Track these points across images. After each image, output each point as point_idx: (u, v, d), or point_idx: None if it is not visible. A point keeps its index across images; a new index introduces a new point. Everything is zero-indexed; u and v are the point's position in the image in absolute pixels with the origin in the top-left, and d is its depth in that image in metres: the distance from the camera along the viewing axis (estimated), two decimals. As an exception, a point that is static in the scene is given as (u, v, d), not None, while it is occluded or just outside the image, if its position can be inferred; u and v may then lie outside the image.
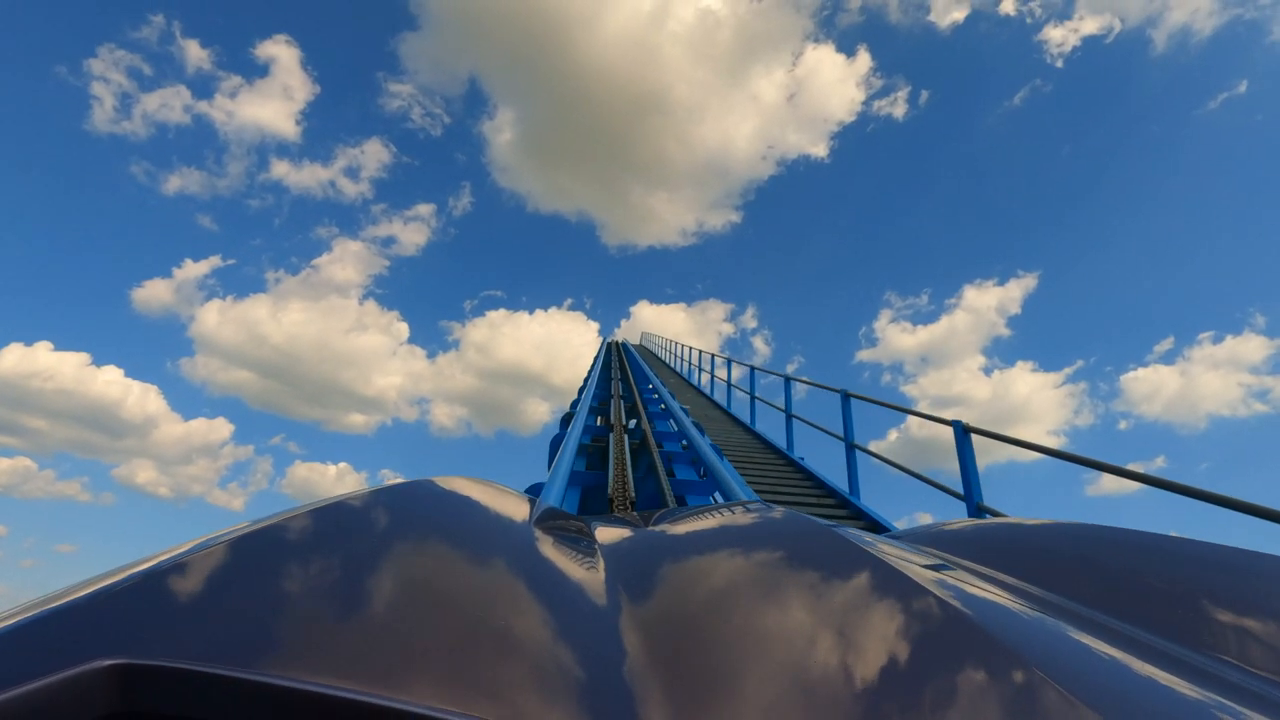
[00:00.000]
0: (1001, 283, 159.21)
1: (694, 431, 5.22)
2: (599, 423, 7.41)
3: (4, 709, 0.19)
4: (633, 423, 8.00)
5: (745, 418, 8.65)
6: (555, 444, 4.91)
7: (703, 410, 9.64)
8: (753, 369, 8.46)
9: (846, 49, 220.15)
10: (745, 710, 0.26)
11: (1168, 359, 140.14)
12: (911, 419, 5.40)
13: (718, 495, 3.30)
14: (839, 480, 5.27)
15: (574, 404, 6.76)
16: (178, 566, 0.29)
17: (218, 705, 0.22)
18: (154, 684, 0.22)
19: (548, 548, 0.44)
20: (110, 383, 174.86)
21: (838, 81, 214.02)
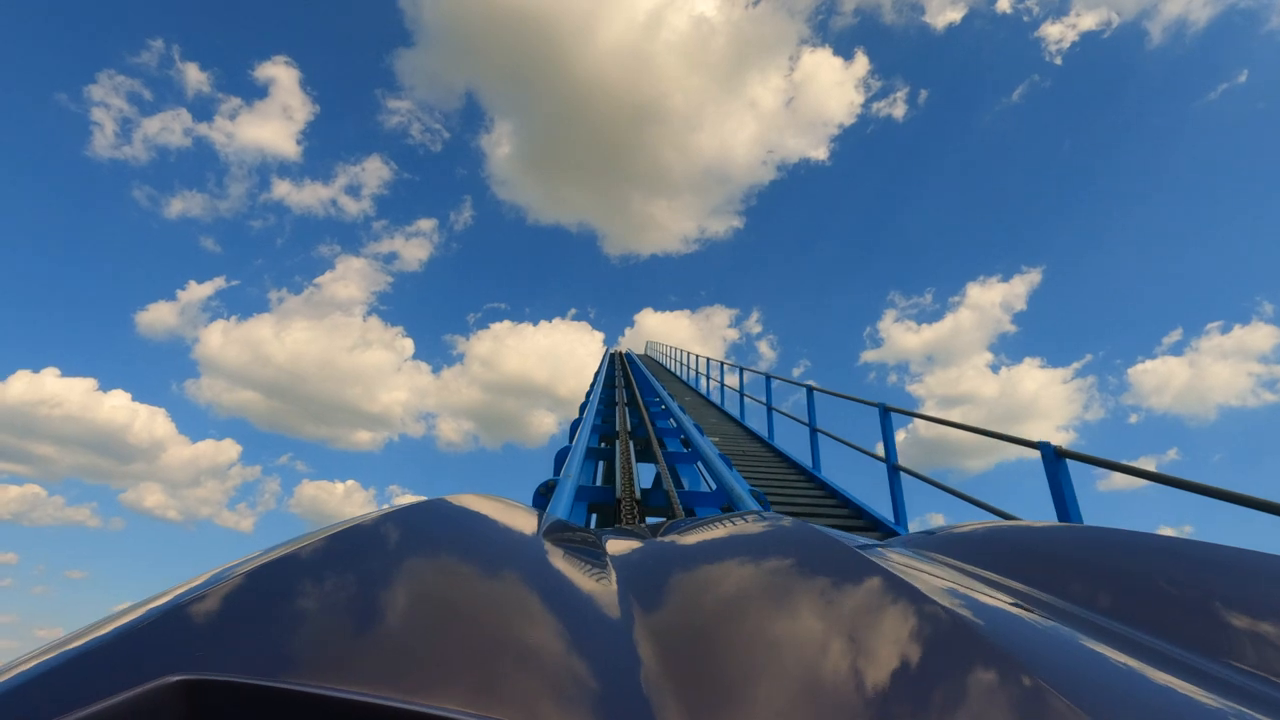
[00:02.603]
0: (1006, 279, 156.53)
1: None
2: (599, 480, 5.20)
3: None
4: (649, 469, 5.84)
5: (792, 452, 6.41)
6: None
7: (735, 441, 7.39)
8: (810, 389, 6.16)
9: (844, 52, 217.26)
10: (756, 718, 0.26)
11: (1176, 350, 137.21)
12: (916, 421, 4.62)
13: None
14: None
15: (561, 457, 4.50)
16: (225, 587, 0.31)
17: (274, 715, 0.23)
18: (217, 697, 0.23)
19: (561, 561, 0.44)
20: (117, 407, 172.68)
21: (836, 85, 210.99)
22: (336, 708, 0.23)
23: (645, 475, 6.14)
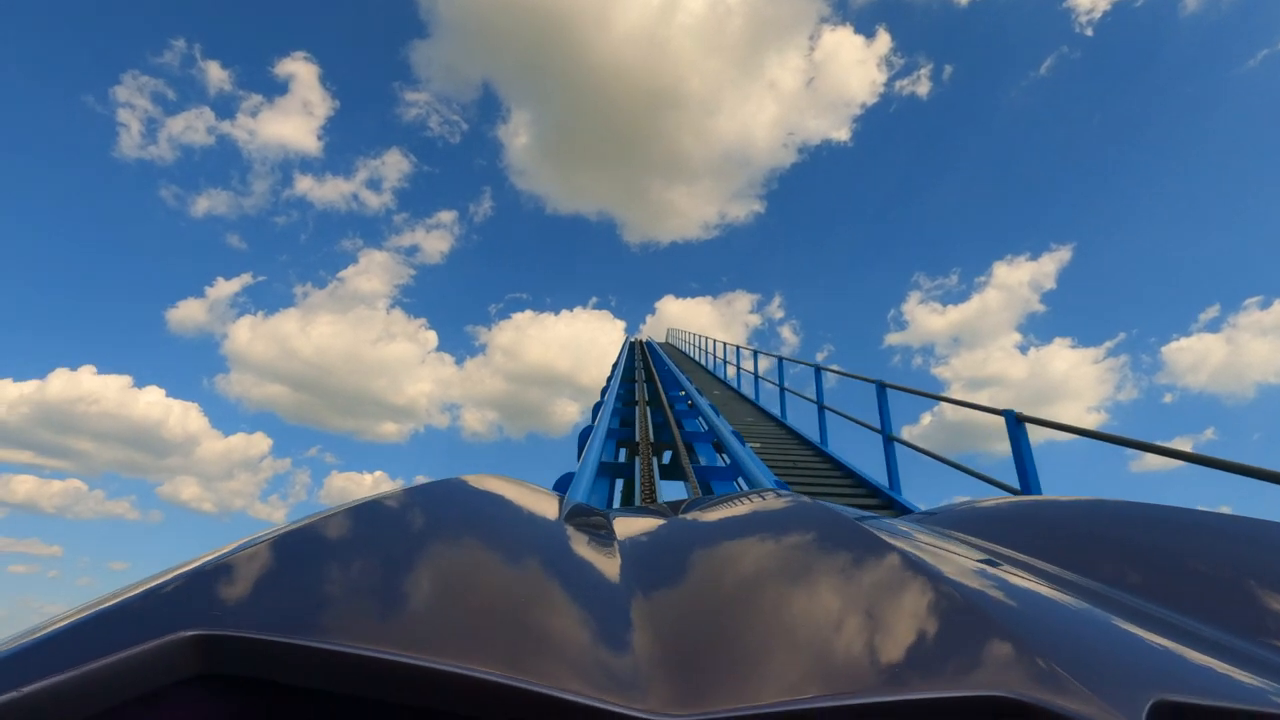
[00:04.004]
0: (1034, 257, 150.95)
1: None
2: (615, 507, 4.09)
3: (104, 671, 0.23)
4: (673, 486, 4.68)
5: (847, 459, 5.16)
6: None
7: (778, 447, 6.19)
8: (881, 385, 4.86)
9: (865, 29, 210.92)
10: (737, 689, 0.26)
11: (1213, 327, 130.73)
12: (941, 404, 4.01)
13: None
14: None
15: (563, 485, 3.33)
16: (243, 554, 0.33)
17: (281, 669, 0.25)
18: (228, 651, 0.25)
19: (571, 538, 0.46)
20: (152, 403, 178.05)
21: (857, 64, 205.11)
22: (345, 663, 0.25)
23: (671, 494, 5.00)
